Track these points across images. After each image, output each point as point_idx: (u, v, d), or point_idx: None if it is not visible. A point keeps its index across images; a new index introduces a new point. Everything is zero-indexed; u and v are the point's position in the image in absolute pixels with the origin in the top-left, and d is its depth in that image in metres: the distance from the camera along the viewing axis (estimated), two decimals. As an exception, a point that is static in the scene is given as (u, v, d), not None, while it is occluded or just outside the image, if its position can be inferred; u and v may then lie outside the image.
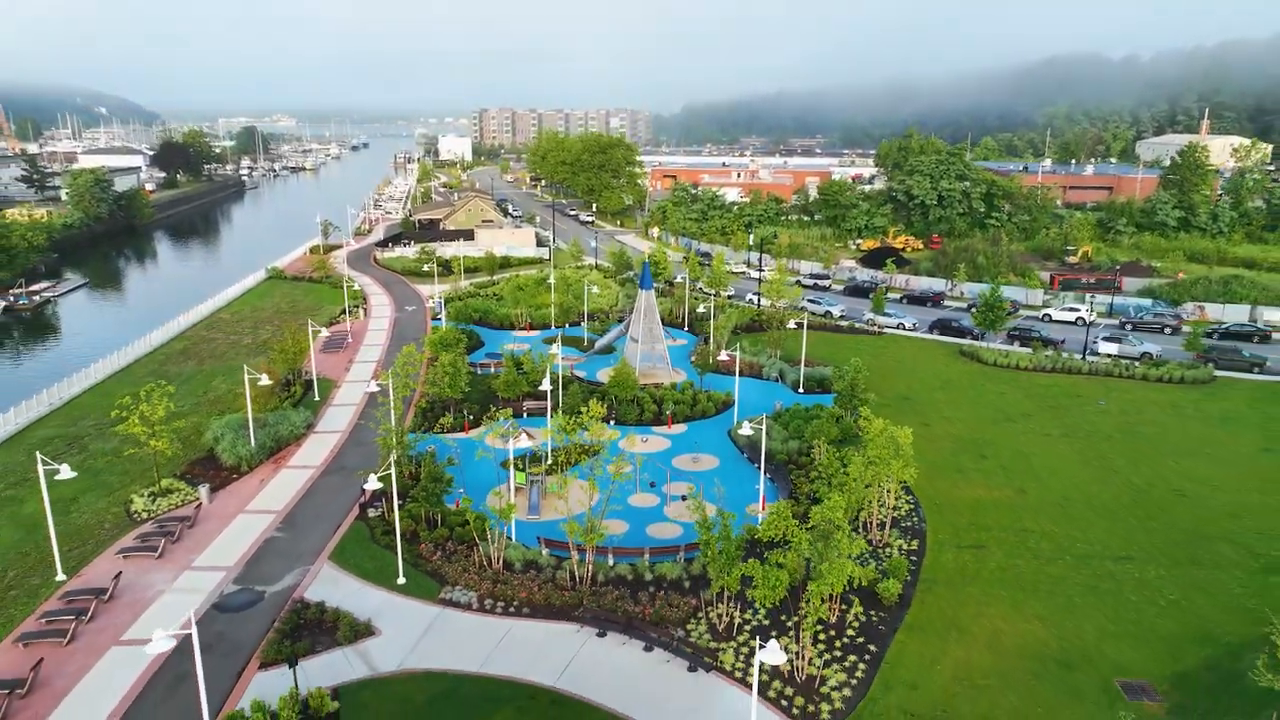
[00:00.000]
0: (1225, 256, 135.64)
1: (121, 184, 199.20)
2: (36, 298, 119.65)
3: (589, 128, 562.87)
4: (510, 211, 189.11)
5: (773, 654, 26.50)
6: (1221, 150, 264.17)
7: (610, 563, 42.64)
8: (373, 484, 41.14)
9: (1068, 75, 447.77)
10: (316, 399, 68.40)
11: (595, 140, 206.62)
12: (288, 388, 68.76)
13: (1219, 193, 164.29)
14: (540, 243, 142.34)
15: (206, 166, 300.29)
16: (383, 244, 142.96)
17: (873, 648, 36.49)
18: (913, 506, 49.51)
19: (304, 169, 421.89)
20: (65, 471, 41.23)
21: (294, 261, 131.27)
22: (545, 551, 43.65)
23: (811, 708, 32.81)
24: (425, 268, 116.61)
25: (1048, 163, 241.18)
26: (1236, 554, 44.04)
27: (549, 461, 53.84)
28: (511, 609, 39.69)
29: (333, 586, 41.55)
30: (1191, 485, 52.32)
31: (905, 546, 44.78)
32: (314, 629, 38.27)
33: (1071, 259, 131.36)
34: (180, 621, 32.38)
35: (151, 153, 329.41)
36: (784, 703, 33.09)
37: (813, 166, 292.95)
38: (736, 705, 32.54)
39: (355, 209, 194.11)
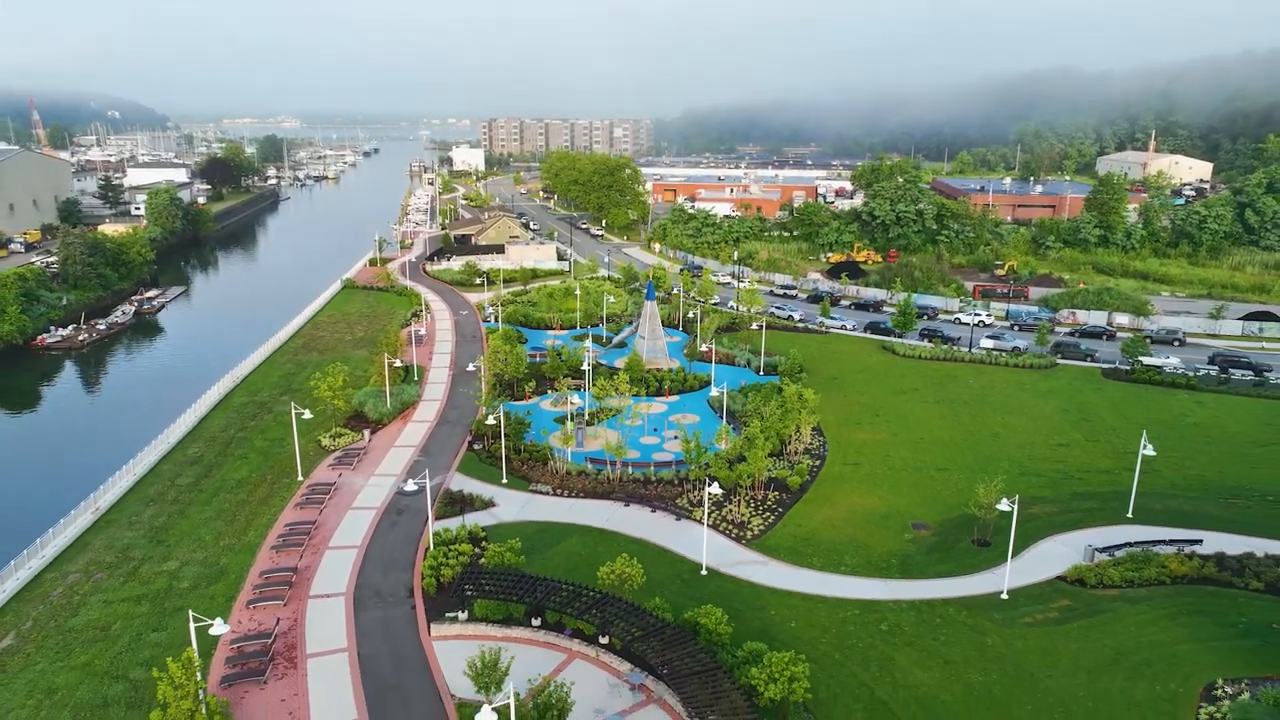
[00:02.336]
0: (1128, 269, 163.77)
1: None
2: (156, 302, 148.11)
3: (593, 136, 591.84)
4: (530, 226, 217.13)
5: (714, 488, 54.80)
6: (1166, 169, 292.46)
7: (630, 471, 70.73)
8: (491, 422, 69.49)
9: (1045, 90, 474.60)
10: (416, 379, 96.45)
11: (604, 162, 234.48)
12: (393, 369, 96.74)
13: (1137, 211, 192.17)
14: (561, 256, 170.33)
15: (244, 179, 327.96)
16: (430, 258, 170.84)
17: (780, 510, 64.69)
18: (822, 443, 77.65)
19: (326, 178, 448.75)
20: (307, 414, 69.54)
21: (359, 272, 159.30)
22: (590, 465, 71.83)
23: (741, 533, 61.06)
24: (477, 280, 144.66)
25: (1007, 181, 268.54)
26: (1010, 466, 72.19)
27: (587, 415, 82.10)
28: (573, 494, 67.85)
29: (464, 483, 69.63)
30: (1004, 430, 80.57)
31: (811, 463, 72.91)
32: (459, 502, 66.35)
33: (999, 271, 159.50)
34: (417, 478, 60.29)
35: (181, 162, 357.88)
36: (726, 531, 61.33)
37: (801, 180, 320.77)
38: (699, 534, 60.33)
39: (392, 223, 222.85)
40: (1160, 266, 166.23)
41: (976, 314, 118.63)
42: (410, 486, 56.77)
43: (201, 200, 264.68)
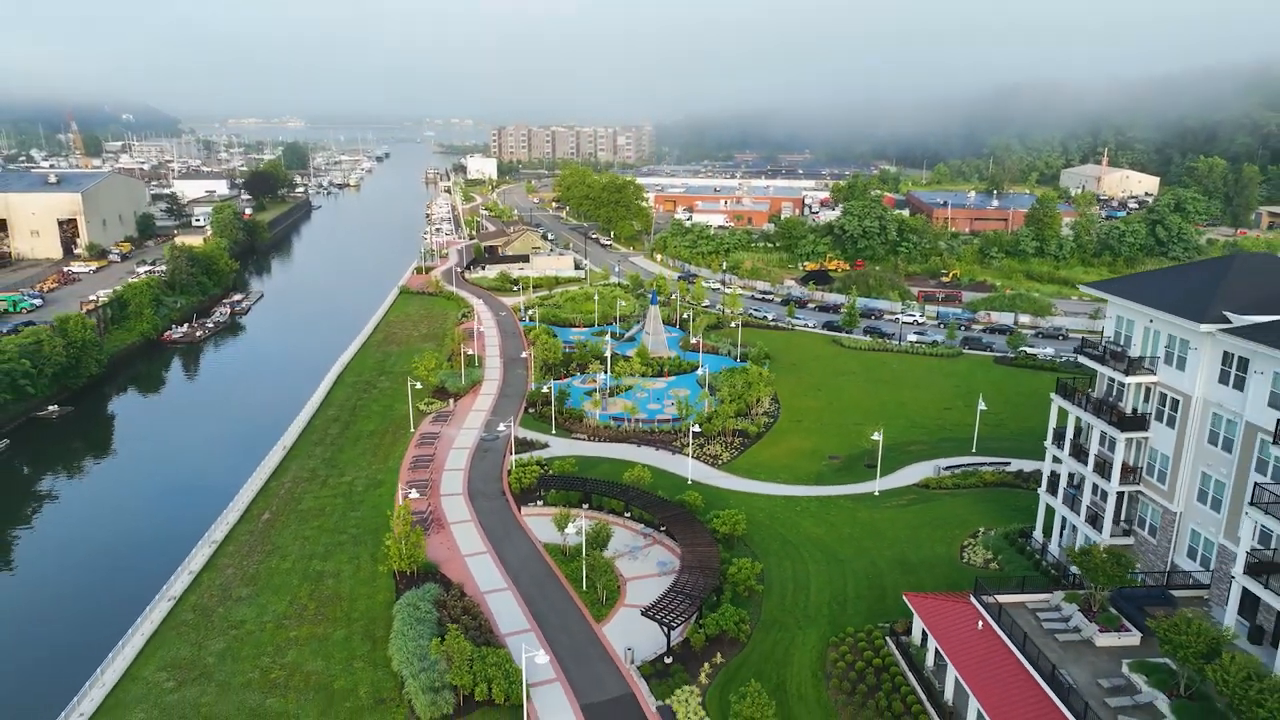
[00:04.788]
0: (1055, 277, 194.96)
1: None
2: (243, 305, 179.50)
3: (598, 144, 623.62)
4: (547, 237, 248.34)
5: (695, 428, 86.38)
6: (1118, 182, 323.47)
7: (641, 425, 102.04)
8: (545, 389, 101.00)
9: (1024, 103, 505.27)
10: (477, 364, 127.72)
11: (613, 180, 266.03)
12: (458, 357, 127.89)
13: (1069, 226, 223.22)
14: (578, 265, 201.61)
15: (279, 190, 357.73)
16: (467, 267, 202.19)
17: (742, 448, 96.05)
18: (777, 408, 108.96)
19: (349, 185, 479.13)
20: (419, 384, 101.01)
21: (410, 279, 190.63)
22: (613, 422, 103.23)
23: (714, 461, 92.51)
24: (515, 287, 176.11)
25: (972, 194, 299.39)
26: (905, 422, 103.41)
27: (609, 388, 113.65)
28: (602, 440, 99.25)
29: (525, 433, 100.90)
30: (909, 400, 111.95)
31: (767, 420, 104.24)
32: (523, 445, 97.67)
33: (944, 278, 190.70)
34: (504, 423, 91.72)
35: (211, 170, 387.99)
36: (704, 460, 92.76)
37: (790, 191, 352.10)
38: (687, 462, 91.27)
39: (421, 232, 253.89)
40: (1084, 274, 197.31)
41: (910, 315, 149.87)
42: (501, 428, 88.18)
43: (248, 211, 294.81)
